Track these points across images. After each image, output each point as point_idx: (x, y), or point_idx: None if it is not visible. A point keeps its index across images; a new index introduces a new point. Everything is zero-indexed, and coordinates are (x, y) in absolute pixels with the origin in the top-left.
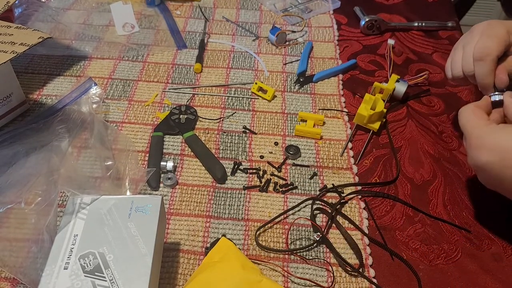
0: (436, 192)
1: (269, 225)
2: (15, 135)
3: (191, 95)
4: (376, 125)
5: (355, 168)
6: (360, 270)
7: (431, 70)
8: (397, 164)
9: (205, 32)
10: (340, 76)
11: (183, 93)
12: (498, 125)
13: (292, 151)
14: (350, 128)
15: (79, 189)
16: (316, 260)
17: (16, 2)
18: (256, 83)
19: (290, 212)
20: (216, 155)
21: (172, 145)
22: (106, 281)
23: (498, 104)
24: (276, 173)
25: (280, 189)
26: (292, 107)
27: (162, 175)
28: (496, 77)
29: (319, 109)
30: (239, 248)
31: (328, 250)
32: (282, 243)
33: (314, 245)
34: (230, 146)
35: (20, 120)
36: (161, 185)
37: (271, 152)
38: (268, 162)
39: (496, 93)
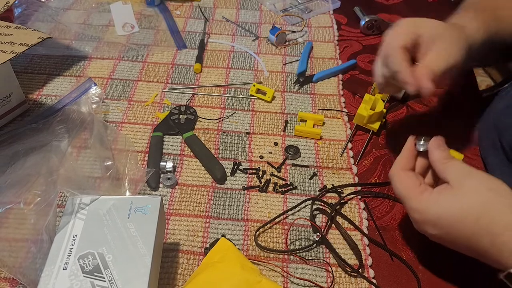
0: None
1: (268, 225)
2: (15, 135)
3: (191, 95)
4: (376, 125)
5: (354, 169)
6: (360, 270)
7: None
8: None
9: (205, 32)
10: (340, 76)
11: (183, 93)
12: (431, 195)
13: (292, 151)
14: (350, 128)
15: (79, 189)
16: (316, 260)
17: (16, 2)
18: (254, 85)
19: (290, 212)
20: (215, 155)
21: (172, 145)
22: (105, 281)
23: (424, 153)
24: (275, 173)
25: (280, 190)
26: (292, 107)
27: (161, 175)
28: (421, 87)
29: (319, 109)
30: (238, 249)
31: (327, 250)
32: (281, 244)
33: (314, 245)
34: (229, 146)
35: (19, 120)
36: (161, 185)
37: (271, 152)
38: (268, 162)
39: (421, 142)
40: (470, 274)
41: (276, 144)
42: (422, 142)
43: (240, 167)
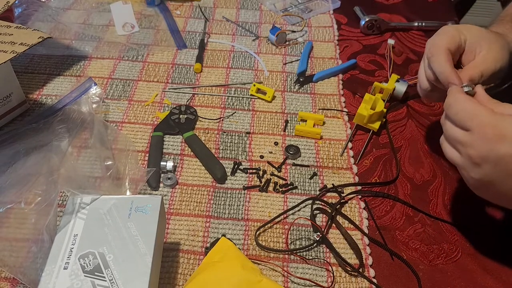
0: (436, 192)
1: (269, 225)
2: (15, 135)
3: (191, 95)
4: (376, 125)
5: (355, 168)
6: (360, 270)
7: None
8: (397, 164)
9: (205, 32)
10: (340, 76)
11: (183, 93)
12: (509, 114)
13: (292, 151)
14: (350, 128)
15: (79, 189)
16: (316, 260)
17: (16, 2)
18: (254, 85)
19: (290, 212)
20: (216, 155)
21: (172, 145)
22: (106, 281)
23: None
24: (276, 173)
25: (280, 189)
26: (292, 107)
27: (162, 175)
28: (463, 74)
29: (319, 109)
30: (239, 248)
31: (328, 250)
32: (282, 243)
33: (314, 245)
34: (230, 146)
35: (20, 120)
36: (161, 185)
37: (271, 152)
38: (268, 162)
39: (466, 84)
40: (470, 274)
41: (276, 143)
42: (467, 85)
43: (241, 167)
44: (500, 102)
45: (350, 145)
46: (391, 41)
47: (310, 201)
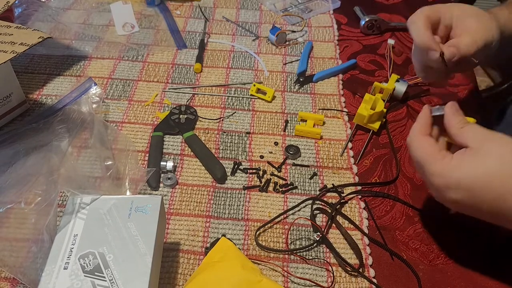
0: None
1: (269, 225)
2: (15, 135)
3: (191, 95)
4: (376, 125)
5: (355, 168)
6: (360, 270)
7: None
8: (397, 164)
9: (205, 32)
10: (340, 76)
11: (183, 93)
12: (453, 159)
13: (292, 151)
14: (350, 128)
15: (79, 189)
16: (316, 260)
17: (16, 2)
18: (254, 85)
19: (290, 212)
20: (216, 155)
21: (172, 145)
22: (106, 281)
23: (439, 118)
24: (276, 173)
25: (280, 189)
26: (292, 107)
27: (162, 175)
28: (446, 49)
29: (319, 109)
30: (239, 248)
31: (328, 250)
32: (282, 243)
33: (314, 245)
34: (230, 146)
35: (20, 120)
36: (161, 185)
37: (271, 152)
38: (268, 162)
39: (437, 107)
40: (470, 274)
41: (276, 143)
42: (437, 107)
43: (241, 167)
44: (467, 126)
45: (350, 145)
46: (391, 41)
47: (310, 201)
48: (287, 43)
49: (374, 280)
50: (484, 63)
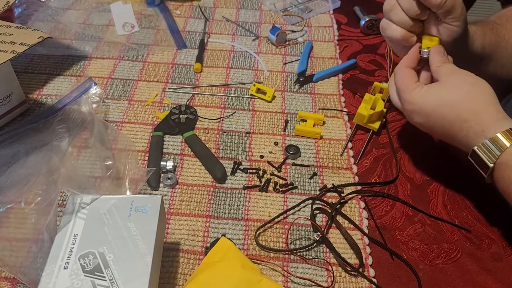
0: (436, 191)
1: (269, 225)
2: (15, 135)
3: (191, 95)
4: (376, 125)
5: (355, 168)
6: (360, 269)
7: None
8: (397, 163)
9: (205, 32)
10: (340, 75)
11: (183, 92)
12: (422, 89)
13: (292, 151)
14: (350, 127)
15: (79, 188)
16: (316, 260)
17: (16, 2)
18: (254, 85)
19: (290, 212)
20: (216, 155)
21: (172, 145)
22: (106, 280)
23: (426, 59)
24: (276, 173)
25: (280, 189)
26: (292, 106)
27: (162, 175)
28: None
29: (319, 109)
30: (239, 248)
31: (328, 249)
32: (282, 243)
33: (314, 245)
34: (230, 146)
35: (20, 119)
36: (161, 185)
37: (271, 152)
38: (268, 162)
39: (425, 49)
40: (470, 273)
41: (276, 143)
42: (425, 50)
43: (241, 167)
44: (444, 65)
45: (350, 145)
46: None
47: (310, 201)
48: (287, 43)
49: (374, 280)
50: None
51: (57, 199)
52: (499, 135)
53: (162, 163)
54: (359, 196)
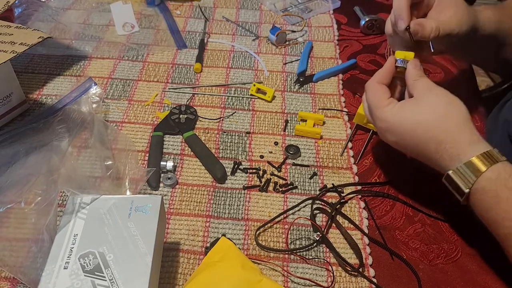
0: (436, 192)
1: (269, 224)
2: (15, 135)
3: (191, 94)
4: None
5: (355, 168)
6: (360, 269)
7: (431, 69)
8: (397, 164)
9: (205, 32)
10: (340, 75)
11: (183, 92)
12: (395, 106)
13: (292, 151)
14: (350, 127)
15: (79, 188)
16: (316, 259)
17: (16, 1)
18: (254, 85)
19: (290, 211)
20: (216, 155)
21: (172, 145)
22: (106, 280)
23: (400, 74)
24: (276, 173)
25: (280, 189)
26: (292, 106)
27: (162, 174)
28: (412, 24)
29: (319, 109)
30: (239, 248)
31: (328, 249)
32: (282, 243)
33: (314, 244)
34: (230, 146)
35: (20, 119)
36: (161, 184)
37: (271, 152)
38: (268, 162)
39: (401, 60)
40: (470, 273)
41: (276, 143)
42: (401, 60)
43: (241, 167)
44: (419, 80)
45: (350, 145)
46: None
47: (310, 201)
48: (287, 43)
49: (374, 280)
50: (449, 52)
51: (57, 199)
52: (474, 159)
53: (162, 163)
54: (359, 196)
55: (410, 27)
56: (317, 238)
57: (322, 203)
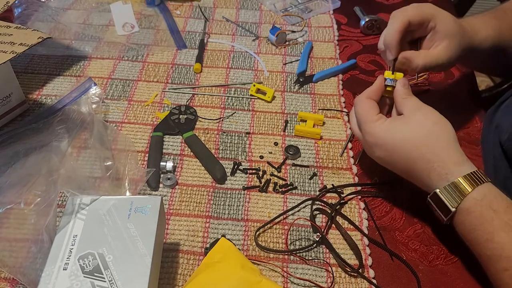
0: None
1: (268, 225)
2: (15, 135)
3: (191, 95)
4: None
5: (354, 169)
6: (360, 270)
7: None
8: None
9: (205, 32)
10: (340, 76)
11: (183, 93)
12: (384, 122)
13: (292, 151)
14: (350, 128)
15: (79, 189)
16: (316, 260)
17: (16, 2)
18: (254, 85)
19: (290, 212)
20: (215, 155)
21: (172, 145)
22: (105, 281)
23: (389, 92)
24: (275, 173)
25: (280, 190)
26: (292, 107)
27: (161, 175)
28: (400, 56)
29: (319, 109)
30: (238, 249)
31: (327, 250)
32: (281, 244)
33: (314, 245)
34: (229, 146)
35: (19, 120)
36: (161, 185)
37: (271, 152)
38: (268, 162)
39: (390, 79)
40: (470, 274)
41: (276, 144)
42: (392, 79)
43: (240, 167)
44: (408, 99)
45: (350, 145)
46: None
47: (309, 202)
48: (287, 43)
49: (374, 281)
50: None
51: (56, 200)
52: (460, 179)
53: (161, 163)
54: (359, 197)
55: (398, 58)
56: (317, 239)
57: (322, 203)
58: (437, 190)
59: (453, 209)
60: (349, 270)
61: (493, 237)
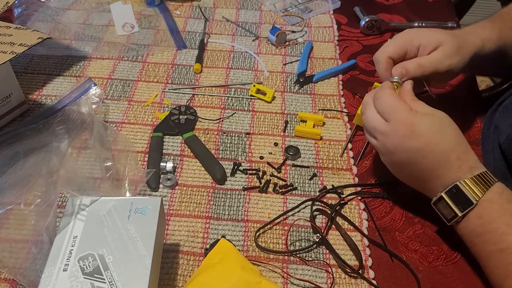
0: None
1: (268, 226)
2: (15, 136)
3: (191, 95)
4: None
5: (354, 169)
6: (360, 271)
7: None
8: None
9: (205, 32)
10: (340, 76)
11: (183, 93)
12: (421, 112)
13: (292, 152)
14: (350, 128)
15: (79, 190)
16: (316, 261)
17: (16, 2)
18: (254, 85)
19: (290, 213)
20: (215, 156)
21: (172, 146)
22: (105, 283)
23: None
24: (275, 174)
25: (280, 190)
26: (292, 107)
27: (161, 175)
28: (394, 69)
29: (319, 110)
30: (238, 249)
31: (327, 251)
32: (281, 244)
33: (314, 246)
34: (229, 147)
35: (19, 120)
36: (161, 186)
37: (271, 153)
38: (268, 163)
39: (395, 78)
40: (470, 275)
41: (276, 144)
42: (396, 78)
43: (240, 168)
44: (418, 100)
45: (350, 145)
46: None
47: (309, 202)
48: (287, 43)
49: (374, 282)
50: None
51: (56, 201)
52: (487, 171)
53: (161, 164)
54: (359, 198)
55: (393, 73)
56: (317, 240)
57: (322, 204)
58: (461, 181)
59: (474, 202)
60: (349, 271)
61: (511, 228)
